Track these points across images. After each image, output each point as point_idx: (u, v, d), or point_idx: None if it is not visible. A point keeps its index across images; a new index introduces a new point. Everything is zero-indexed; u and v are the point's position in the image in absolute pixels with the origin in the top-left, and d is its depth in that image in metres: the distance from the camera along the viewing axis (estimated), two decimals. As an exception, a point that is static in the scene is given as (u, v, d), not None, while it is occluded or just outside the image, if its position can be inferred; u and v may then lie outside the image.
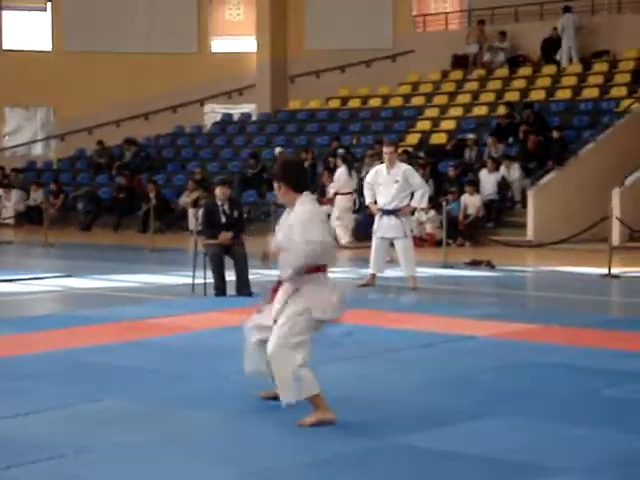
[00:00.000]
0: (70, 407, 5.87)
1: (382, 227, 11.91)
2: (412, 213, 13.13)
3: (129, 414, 5.72)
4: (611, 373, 6.87)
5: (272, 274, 6.06)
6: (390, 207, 11.82)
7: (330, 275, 5.78)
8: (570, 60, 23.62)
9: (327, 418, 5.47)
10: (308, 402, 5.50)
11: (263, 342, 5.74)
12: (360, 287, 11.97)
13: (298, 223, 5.60)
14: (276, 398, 5.80)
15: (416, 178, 12.03)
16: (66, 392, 6.24)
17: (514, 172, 19.68)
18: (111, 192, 23.87)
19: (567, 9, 23.41)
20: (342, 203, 18.51)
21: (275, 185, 5.82)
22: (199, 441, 5.19)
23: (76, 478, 4.58)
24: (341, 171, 18.74)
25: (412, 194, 11.96)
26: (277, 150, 22.84)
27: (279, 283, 5.77)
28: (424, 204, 12.50)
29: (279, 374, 5.52)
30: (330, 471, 4.67)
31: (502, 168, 19.74)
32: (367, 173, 13.07)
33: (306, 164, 21.15)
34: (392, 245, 12.15)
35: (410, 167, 12.35)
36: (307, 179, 5.89)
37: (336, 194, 18.65)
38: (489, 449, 4.97)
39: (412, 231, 13.09)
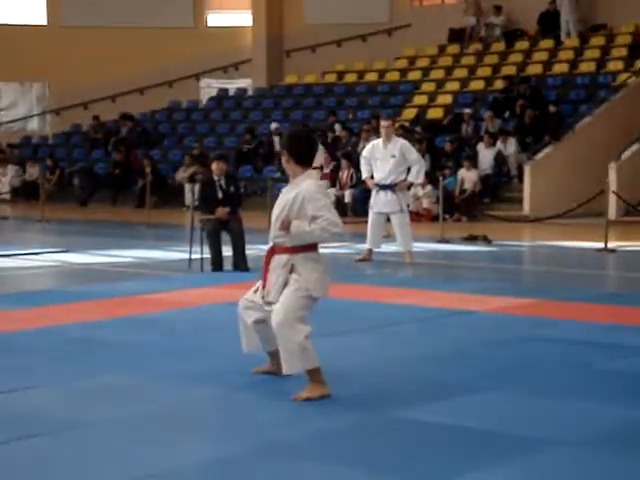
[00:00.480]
0: (68, 382, 5.88)
1: (379, 202, 11.91)
2: (408, 188, 13.14)
3: (127, 389, 5.73)
4: (608, 347, 6.89)
5: (266, 249, 6.03)
6: (387, 182, 11.82)
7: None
8: (568, 34, 23.54)
9: (324, 393, 5.50)
10: (307, 375, 5.53)
11: (261, 321, 5.76)
12: (357, 262, 11.99)
13: (311, 199, 5.52)
14: (269, 373, 5.89)
15: (413, 153, 12.02)
16: (63, 367, 6.25)
17: (510, 147, 19.66)
18: (107, 167, 23.84)
19: (566, -18, 23.31)
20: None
21: (282, 153, 5.76)
22: (197, 416, 5.21)
23: (77, 452, 4.60)
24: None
25: (409, 169, 11.95)
26: (273, 126, 22.79)
27: (271, 255, 5.71)
28: (420, 179, 12.50)
29: (285, 345, 5.49)
30: (328, 444, 4.68)
31: (498, 143, 19.71)
32: (364, 148, 13.05)
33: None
34: (389, 220, 12.16)
35: (407, 142, 12.34)
36: (313, 155, 5.79)
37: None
38: (487, 422, 4.99)
39: (409, 206, 13.11)
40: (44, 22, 28.94)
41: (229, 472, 4.32)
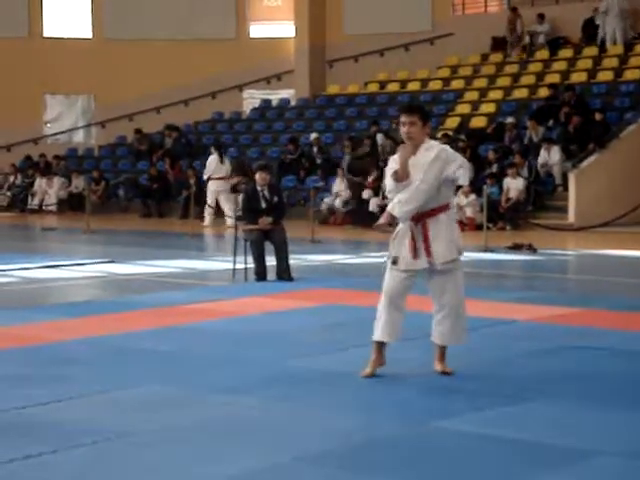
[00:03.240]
0: (113, 392, 5.91)
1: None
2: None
3: (171, 399, 5.75)
4: (655, 357, 6.80)
5: (311, 259, 6.03)
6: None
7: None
8: (614, 42, 23.33)
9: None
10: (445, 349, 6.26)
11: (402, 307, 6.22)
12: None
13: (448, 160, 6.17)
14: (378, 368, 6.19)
15: (457, 156, 11.93)
16: (109, 377, 6.29)
17: (555, 155, 19.49)
18: (146, 181, 23.95)
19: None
20: (213, 187, 20.00)
21: (409, 119, 6.09)
22: (241, 427, 5.20)
23: (119, 462, 4.62)
24: (212, 158, 20.14)
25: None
26: (313, 136, 22.85)
27: (422, 221, 6.07)
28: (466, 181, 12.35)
29: (463, 317, 6.24)
30: (372, 455, 4.66)
31: (542, 152, 19.57)
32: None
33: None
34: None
35: (447, 146, 12.24)
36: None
37: (209, 179, 20.03)
38: (534, 433, 4.95)
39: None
40: (89, 35, 29.26)
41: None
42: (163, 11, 28.40)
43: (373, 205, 19.60)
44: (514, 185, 18.77)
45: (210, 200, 20.06)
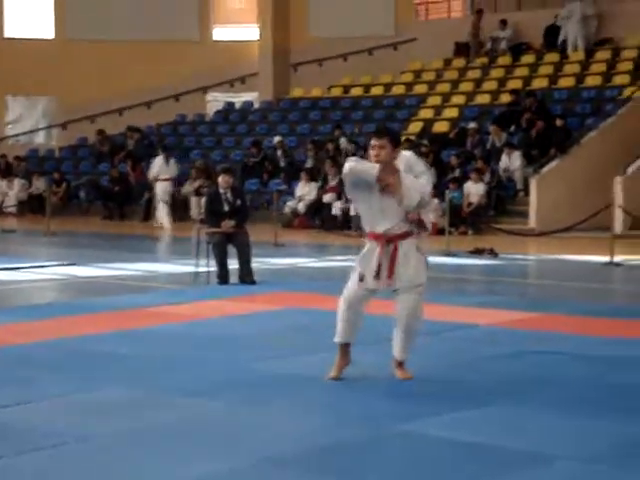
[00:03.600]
0: (72, 395, 5.87)
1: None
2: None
3: (130, 403, 5.73)
4: (614, 361, 6.87)
5: (273, 262, 6.04)
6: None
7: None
8: (575, 48, 23.56)
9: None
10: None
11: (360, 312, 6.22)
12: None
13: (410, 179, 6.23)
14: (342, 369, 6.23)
15: (420, 165, 12.00)
16: (68, 380, 6.25)
17: (516, 160, 19.64)
18: (107, 183, 23.80)
19: (577, -4, 23.36)
20: (161, 188, 20.58)
21: (379, 143, 6.10)
22: (199, 430, 5.18)
23: (79, 465, 4.60)
24: (158, 159, 20.93)
25: None
26: (276, 139, 22.86)
27: (394, 243, 6.05)
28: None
29: (413, 334, 6.24)
30: (333, 458, 4.68)
31: (503, 157, 19.72)
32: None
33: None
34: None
35: (412, 154, 12.31)
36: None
37: (156, 180, 20.69)
38: (492, 437, 4.98)
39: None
40: (51, 36, 29.05)
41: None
42: (126, 12, 28.25)
43: (336, 209, 19.64)
44: (475, 190, 18.89)
45: (160, 200, 20.57)
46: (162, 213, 20.37)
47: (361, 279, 6.14)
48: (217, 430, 5.18)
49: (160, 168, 20.76)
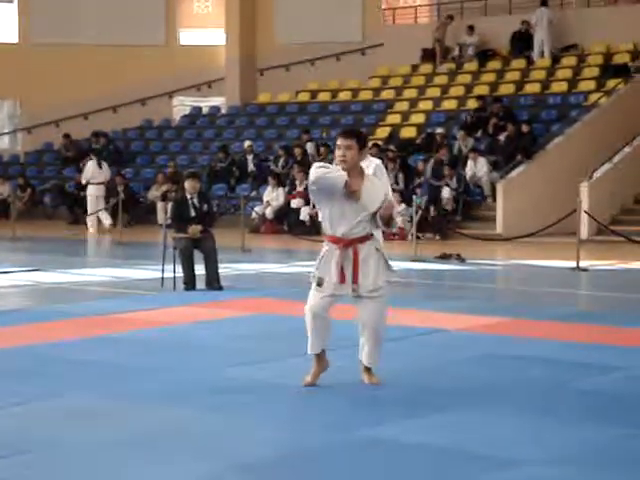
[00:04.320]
0: (36, 402, 5.80)
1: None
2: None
3: (97, 410, 5.66)
4: (581, 365, 6.90)
5: (241, 268, 6.00)
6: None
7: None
8: (542, 54, 23.71)
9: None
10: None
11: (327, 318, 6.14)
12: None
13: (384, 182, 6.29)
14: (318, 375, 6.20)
15: (384, 174, 12.02)
16: (32, 388, 6.17)
17: (482, 166, 19.72)
18: (72, 189, 23.60)
19: (544, 2, 23.48)
20: (93, 192, 21.06)
21: (346, 143, 6.02)
22: (167, 436, 5.14)
23: (45, 474, 4.53)
24: (90, 163, 21.35)
25: None
26: (246, 144, 22.81)
27: (354, 247, 5.99)
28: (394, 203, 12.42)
29: (380, 341, 6.19)
30: (302, 464, 4.65)
31: (469, 162, 19.80)
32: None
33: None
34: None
35: (380, 163, 12.33)
36: None
37: (87, 184, 21.16)
38: (457, 441, 4.98)
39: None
40: (15, 40, 28.80)
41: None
42: (92, 16, 28.09)
43: (304, 214, 19.61)
44: (442, 195, 18.92)
45: (91, 204, 20.95)
46: (102, 217, 20.89)
47: (319, 284, 6.07)
48: (186, 437, 5.12)
49: (92, 172, 21.20)
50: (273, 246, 18.07)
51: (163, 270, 11.38)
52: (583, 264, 13.29)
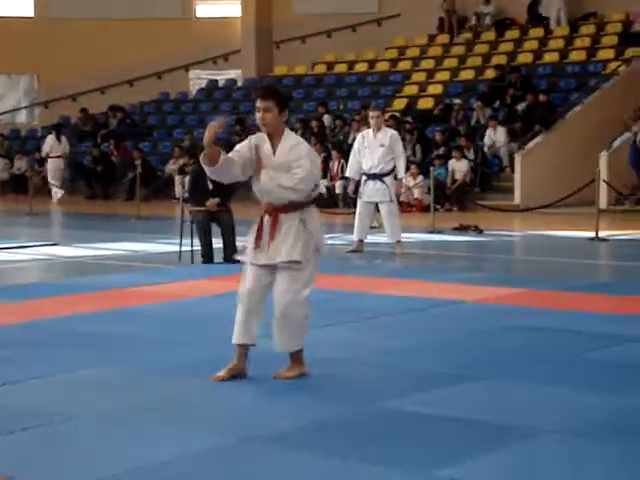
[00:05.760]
0: (58, 375, 5.84)
1: (367, 191, 11.86)
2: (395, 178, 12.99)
3: (118, 381, 5.69)
4: (598, 336, 6.87)
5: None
6: (376, 171, 11.77)
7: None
8: (558, 22, 23.50)
9: (303, 372, 5.70)
10: (295, 354, 5.69)
11: (255, 311, 5.68)
12: (348, 253, 11.94)
13: (304, 151, 5.68)
14: (236, 375, 5.67)
15: (400, 146, 12.00)
16: (54, 360, 6.21)
17: (500, 136, 19.61)
18: (93, 160, 23.67)
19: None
20: (53, 165, 22.05)
21: (264, 105, 5.70)
22: (185, 408, 5.17)
23: (66, 444, 4.57)
24: (49, 137, 22.26)
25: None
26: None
27: (273, 215, 5.65)
28: (404, 173, 12.36)
29: (293, 321, 5.60)
30: (317, 435, 4.66)
31: (488, 131, 19.69)
32: (354, 139, 13.00)
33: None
34: (378, 210, 12.13)
35: (396, 133, 12.29)
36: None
37: (48, 157, 22.06)
38: (475, 412, 4.97)
39: (399, 197, 13.06)
40: (31, 14, 28.77)
41: (217, 463, 4.29)
42: (108, -10, 28.00)
43: (321, 187, 19.58)
44: (459, 167, 18.87)
45: (50, 177, 21.92)
46: (55, 189, 21.62)
47: (241, 251, 5.79)
48: (202, 409, 5.15)
49: (52, 146, 21.93)
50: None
51: (181, 244, 11.39)
52: (602, 234, 13.22)
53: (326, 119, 21.73)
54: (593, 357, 6.25)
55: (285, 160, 5.66)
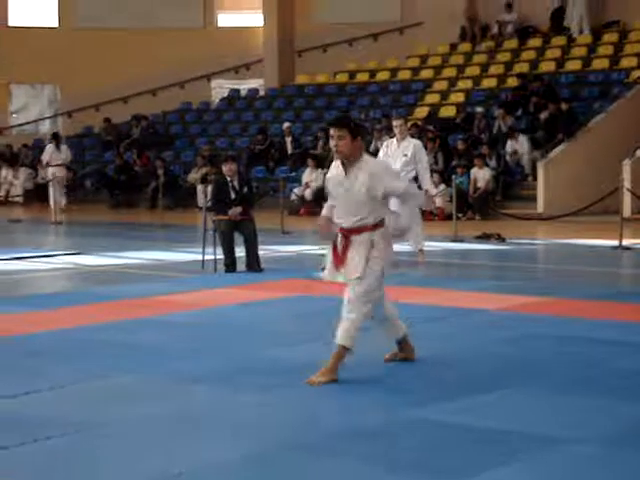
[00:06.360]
0: (83, 383, 5.87)
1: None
2: (419, 187, 12.98)
3: (142, 390, 5.72)
4: (624, 345, 6.84)
5: (280, 249, 6.00)
6: (398, 180, 11.73)
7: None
8: (581, 31, 23.44)
9: (334, 378, 5.82)
10: (337, 354, 5.87)
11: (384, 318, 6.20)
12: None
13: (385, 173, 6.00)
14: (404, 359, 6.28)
15: (424, 155, 11.98)
16: (78, 369, 6.24)
17: (522, 144, 19.57)
18: (116, 170, 23.81)
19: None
20: (53, 173, 21.64)
21: (337, 133, 5.91)
22: (212, 417, 5.19)
23: (90, 453, 4.59)
24: (49, 146, 22.24)
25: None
26: (285, 125, 22.82)
27: (346, 237, 5.94)
28: (430, 185, 12.38)
29: (353, 317, 5.86)
30: (344, 443, 4.66)
31: (509, 142, 19.65)
32: (376, 148, 12.99)
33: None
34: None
35: (420, 143, 12.29)
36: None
37: (47, 165, 21.92)
38: (502, 422, 4.96)
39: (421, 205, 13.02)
40: (56, 24, 29.00)
41: (245, 472, 4.30)
42: (131, 0, 28.18)
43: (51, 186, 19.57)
44: (481, 175, 18.84)
45: (51, 186, 21.51)
46: (57, 196, 21.36)
47: (322, 268, 6.16)
48: (228, 417, 5.16)
49: (51, 155, 21.82)
50: (312, 228, 18.05)
51: (204, 252, 11.43)
52: (626, 243, 13.16)
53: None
54: (616, 366, 6.22)
55: (359, 190, 5.94)
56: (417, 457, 4.46)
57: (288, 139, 22.57)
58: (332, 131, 5.97)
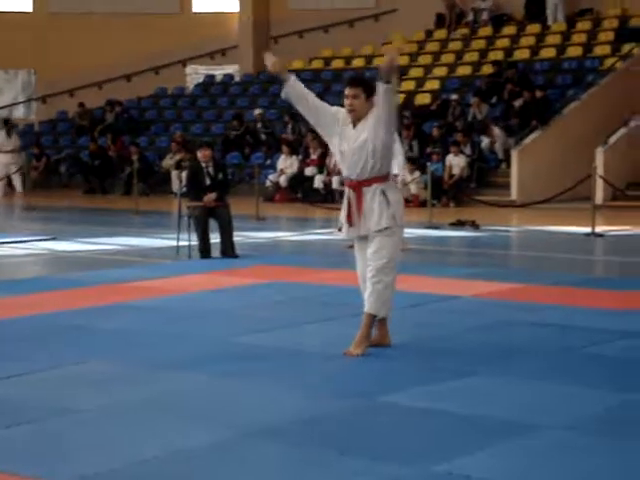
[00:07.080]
0: (55, 369, 5.86)
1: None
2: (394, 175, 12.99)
3: (114, 376, 5.71)
4: (595, 331, 6.90)
5: (255, 236, 6.02)
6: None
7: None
8: (555, 19, 23.52)
9: (368, 346, 6.10)
10: (378, 322, 6.11)
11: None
12: (348, 249, 11.95)
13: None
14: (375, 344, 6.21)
15: (398, 143, 11.99)
16: (51, 355, 6.23)
17: (498, 137, 19.61)
18: (86, 157, 23.66)
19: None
20: (2, 160, 22.14)
21: (352, 92, 6.00)
22: (183, 402, 5.19)
23: (62, 439, 4.58)
24: (0, 133, 22.54)
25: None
26: (256, 112, 22.77)
27: (356, 189, 5.99)
28: (403, 171, 12.40)
29: (381, 288, 5.97)
30: (315, 429, 4.68)
31: (483, 138, 19.69)
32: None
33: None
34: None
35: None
36: None
37: None
38: (473, 407, 5.00)
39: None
40: (30, 9, 28.74)
41: (212, 458, 4.30)
42: (105, -15, 27.98)
43: (318, 182, 19.61)
44: (456, 162, 18.89)
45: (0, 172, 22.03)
46: (15, 182, 21.75)
47: (339, 229, 6.24)
48: (200, 403, 5.17)
49: (1, 142, 22.14)
50: (287, 214, 18.08)
51: (178, 239, 11.42)
52: (598, 230, 13.25)
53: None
54: (591, 352, 6.28)
55: (364, 138, 6.00)
56: (389, 443, 4.48)
57: (259, 125, 22.52)
58: (347, 90, 6.06)
